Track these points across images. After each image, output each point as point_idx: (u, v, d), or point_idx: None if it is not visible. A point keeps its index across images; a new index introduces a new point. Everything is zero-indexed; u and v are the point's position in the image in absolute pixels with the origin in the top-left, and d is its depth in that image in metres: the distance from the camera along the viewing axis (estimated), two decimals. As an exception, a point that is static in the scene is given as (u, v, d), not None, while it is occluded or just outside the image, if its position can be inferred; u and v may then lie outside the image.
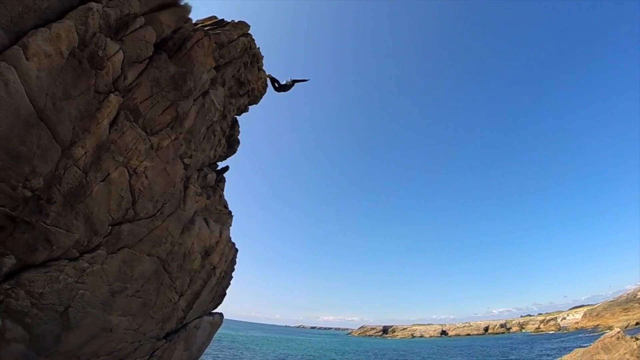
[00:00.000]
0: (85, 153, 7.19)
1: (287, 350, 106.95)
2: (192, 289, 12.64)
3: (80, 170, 7.18)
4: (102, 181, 7.75)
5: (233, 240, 16.19)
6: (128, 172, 8.42)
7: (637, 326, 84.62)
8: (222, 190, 14.92)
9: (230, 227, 15.42)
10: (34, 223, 6.46)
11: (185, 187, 10.92)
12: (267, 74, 14.60)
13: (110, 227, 8.33)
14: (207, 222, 12.94)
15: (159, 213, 9.63)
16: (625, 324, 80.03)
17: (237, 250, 16.43)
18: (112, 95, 7.64)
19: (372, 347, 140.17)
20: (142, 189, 8.86)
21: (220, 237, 13.90)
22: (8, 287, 6.45)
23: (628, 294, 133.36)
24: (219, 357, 71.01)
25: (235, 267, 16.78)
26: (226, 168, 15.50)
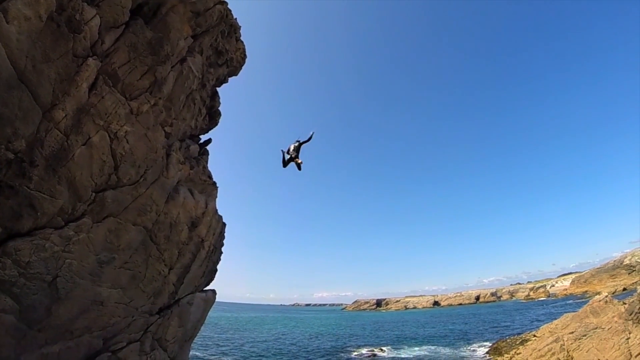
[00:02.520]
0: (65, 116, 7.38)
1: (287, 328, 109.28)
2: (181, 262, 12.80)
3: (61, 133, 7.35)
4: (83, 145, 7.88)
5: (223, 221, 16.37)
6: (109, 136, 8.53)
7: (624, 292, 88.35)
8: (206, 162, 14.99)
9: (216, 199, 15.55)
10: (18, 187, 6.63)
11: (168, 155, 11.01)
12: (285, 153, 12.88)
13: (94, 194, 8.43)
14: (191, 193, 13.04)
15: (142, 179, 9.71)
16: (612, 289, 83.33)
17: (224, 224, 16.58)
18: (90, 59, 7.80)
19: (369, 320, 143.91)
20: (123, 153, 8.94)
21: (206, 208, 13.98)
22: None
23: (615, 260, 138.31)
24: (221, 340, 72.59)
25: (224, 242, 16.97)
26: (209, 141, 15.57)
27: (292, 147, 12.02)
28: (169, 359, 13.89)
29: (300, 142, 12.23)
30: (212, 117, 15.36)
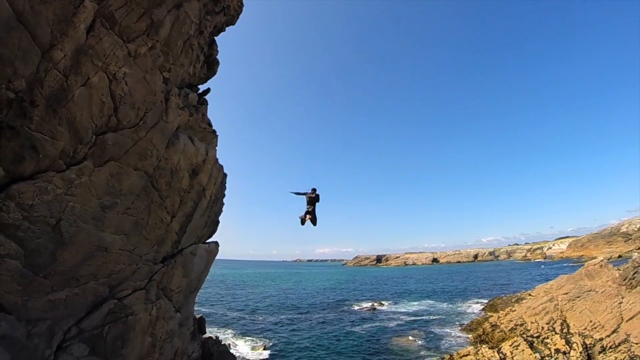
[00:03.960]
0: (64, 56, 7.35)
1: (290, 284, 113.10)
2: (183, 210, 13.01)
3: (60, 73, 7.33)
4: (82, 85, 7.85)
5: (224, 171, 16.56)
6: (108, 77, 8.47)
7: (619, 259, 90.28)
8: (205, 111, 14.82)
9: (216, 148, 15.58)
10: (19, 128, 6.67)
11: (167, 100, 10.98)
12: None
13: (94, 137, 8.42)
14: (192, 140, 13.07)
15: (141, 122, 9.70)
16: (608, 255, 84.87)
17: (225, 175, 16.79)
18: (87, 1, 7.67)
19: (369, 276, 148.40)
20: (122, 94, 8.89)
21: (207, 156, 14.06)
22: None
23: (612, 227, 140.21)
24: (226, 296, 75.04)
25: (226, 193, 17.19)
26: (207, 90, 15.33)
27: (307, 197, 13.34)
28: (174, 309, 14.28)
29: (313, 197, 13.45)
30: (210, 66, 15.15)
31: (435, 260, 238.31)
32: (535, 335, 30.57)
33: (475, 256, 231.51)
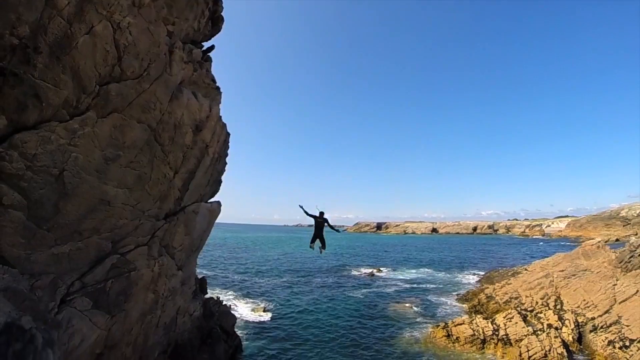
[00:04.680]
0: (68, 3, 7.12)
1: (290, 248, 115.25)
2: (186, 166, 13.02)
3: (64, 20, 7.12)
4: (86, 33, 7.63)
5: (227, 130, 16.59)
6: (112, 26, 8.24)
7: (616, 242, 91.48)
8: (209, 67, 14.56)
9: (220, 105, 15.52)
10: (23, 75, 6.54)
11: (171, 52, 10.76)
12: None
13: (98, 87, 8.25)
14: (195, 96, 12.92)
15: (145, 74, 9.53)
16: (606, 238, 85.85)
17: (229, 134, 16.80)
18: None
19: (369, 242, 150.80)
20: (126, 44, 8.68)
21: (210, 112, 13.97)
22: (1, 150, 6.64)
23: (612, 211, 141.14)
24: (228, 259, 76.35)
25: (229, 152, 17.43)
26: (212, 47, 14.96)
27: (315, 221, 14.03)
28: (176, 267, 14.41)
29: (320, 222, 14.09)
30: (215, 23, 14.81)
31: (434, 230, 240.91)
32: (529, 309, 31.28)
33: (475, 228, 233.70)
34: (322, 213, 14.12)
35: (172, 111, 11.17)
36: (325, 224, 14.21)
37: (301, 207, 13.66)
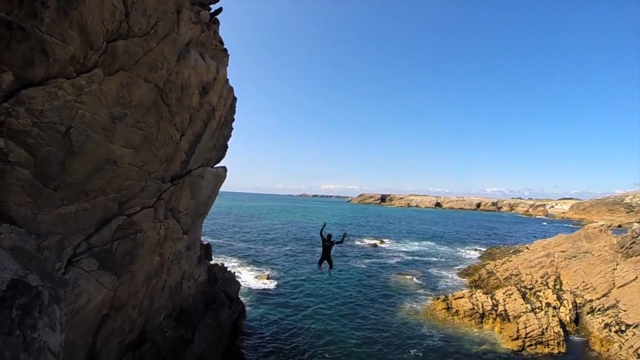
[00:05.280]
0: None
1: (295, 217, 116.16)
2: (192, 129, 12.95)
3: None
4: None
5: (234, 94, 16.41)
6: None
7: (619, 228, 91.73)
8: (217, 29, 14.19)
9: (227, 67, 15.18)
10: (30, 30, 6.35)
11: (179, 12, 10.43)
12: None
13: (105, 44, 8.03)
14: (202, 57, 12.68)
15: (152, 31, 9.29)
16: (608, 223, 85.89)
17: (235, 98, 16.61)
18: None
19: (373, 214, 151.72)
20: (134, 0, 8.39)
21: (218, 74, 13.76)
22: (8, 106, 6.52)
23: (616, 196, 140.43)
24: (234, 227, 77.08)
25: (235, 117, 17.26)
26: (219, 10, 14.47)
27: (325, 240, 14.79)
28: (181, 230, 14.49)
29: (327, 245, 14.87)
30: None
31: (438, 204, 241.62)
32: (528, 287, 31.63)
33: (478, 205, 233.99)
34: (329, 236, 15.02)
35: (179, 71, 10.98)
36: (335, 243, 15.16)
37: (324, 224, 15.51)
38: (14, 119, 6.61)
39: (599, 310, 26.20)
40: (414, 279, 37.34)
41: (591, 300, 27.72)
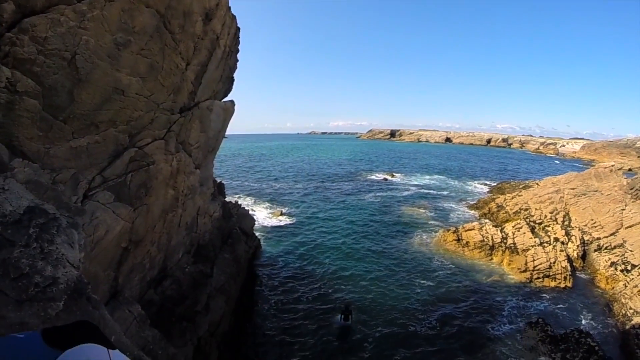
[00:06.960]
0: None
1: (306, 154, 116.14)
2: (197, 58, 12.74)
3: None
4: None
5: (237, 24, 16.08)
6: None
7: (629, 171, 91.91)
8: None
9: None
10: None
11: None
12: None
13: None
14: None
15: None
16: (619, 165, 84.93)
17: (239, 28, 16.27)
18: None
19: (383, 149, 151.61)
20: None
21: (220, 0, 13.39)
22: (12, 35, 6.40)
23: (628, 140, 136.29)
24: (247, 168, 77.31)
25: (239, 47, 17.02)
26: None
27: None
28: (193, 164, 14.47)
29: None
30: None
31: (448, 139, 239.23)
32: (537, 222, 31.91)
33: (489, 141, 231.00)
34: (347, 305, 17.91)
35: (181, -4, 10.78)
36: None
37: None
38: (19, 48, 6.51)
39: (606, 248, 26.66)
40: (426, 212, 37.96)
41: (599, 238, 28.16)
